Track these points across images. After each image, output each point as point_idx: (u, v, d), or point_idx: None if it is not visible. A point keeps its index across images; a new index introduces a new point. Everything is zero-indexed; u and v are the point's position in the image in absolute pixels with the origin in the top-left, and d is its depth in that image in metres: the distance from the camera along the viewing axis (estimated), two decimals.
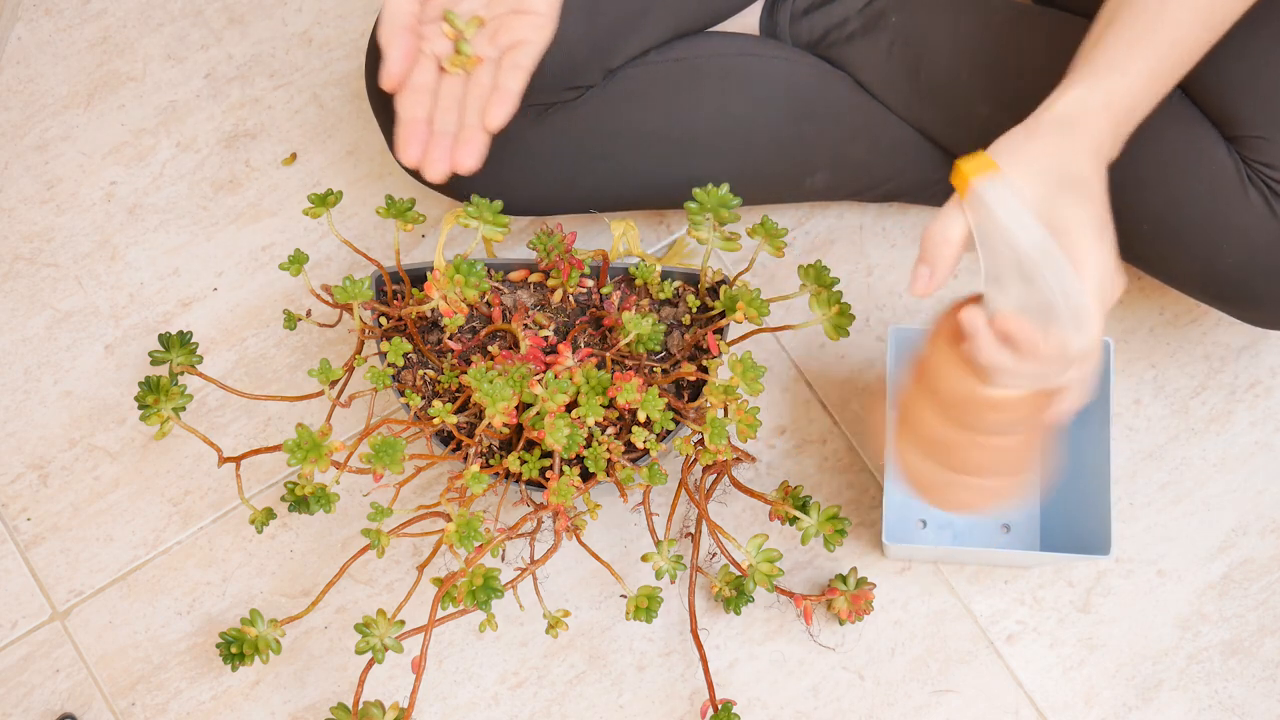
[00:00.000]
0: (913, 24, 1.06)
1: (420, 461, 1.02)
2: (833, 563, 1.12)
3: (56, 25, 1.25)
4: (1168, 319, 1.17)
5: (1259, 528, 1.13)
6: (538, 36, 0.86)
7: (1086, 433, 1.03)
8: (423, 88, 0.85)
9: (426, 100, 0.85)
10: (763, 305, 0.94)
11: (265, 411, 1.16)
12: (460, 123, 0.85)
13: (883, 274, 1.18)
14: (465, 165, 0.84)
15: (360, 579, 1.13)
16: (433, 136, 0.84)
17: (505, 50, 0.86)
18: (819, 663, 1.11)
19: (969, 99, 1.04)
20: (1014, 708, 1.10)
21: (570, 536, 0.98)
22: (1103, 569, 1.12)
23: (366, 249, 1.19)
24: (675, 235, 1.19)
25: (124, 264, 1.19)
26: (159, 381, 0.98)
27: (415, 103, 0.85)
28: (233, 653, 0.95)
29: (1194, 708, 1.10)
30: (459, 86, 0.85)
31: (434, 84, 0.85)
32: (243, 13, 1.25)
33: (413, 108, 0.85)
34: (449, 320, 0.96)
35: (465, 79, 0.85)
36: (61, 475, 1.15)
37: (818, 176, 1.10)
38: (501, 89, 0.85)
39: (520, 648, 1.11)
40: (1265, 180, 0.97)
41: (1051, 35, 1.02)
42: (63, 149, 1.22)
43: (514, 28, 0.86)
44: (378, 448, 0.87)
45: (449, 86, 0.85)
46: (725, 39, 1.09)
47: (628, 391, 0.90)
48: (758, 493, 0.97)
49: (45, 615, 1.13)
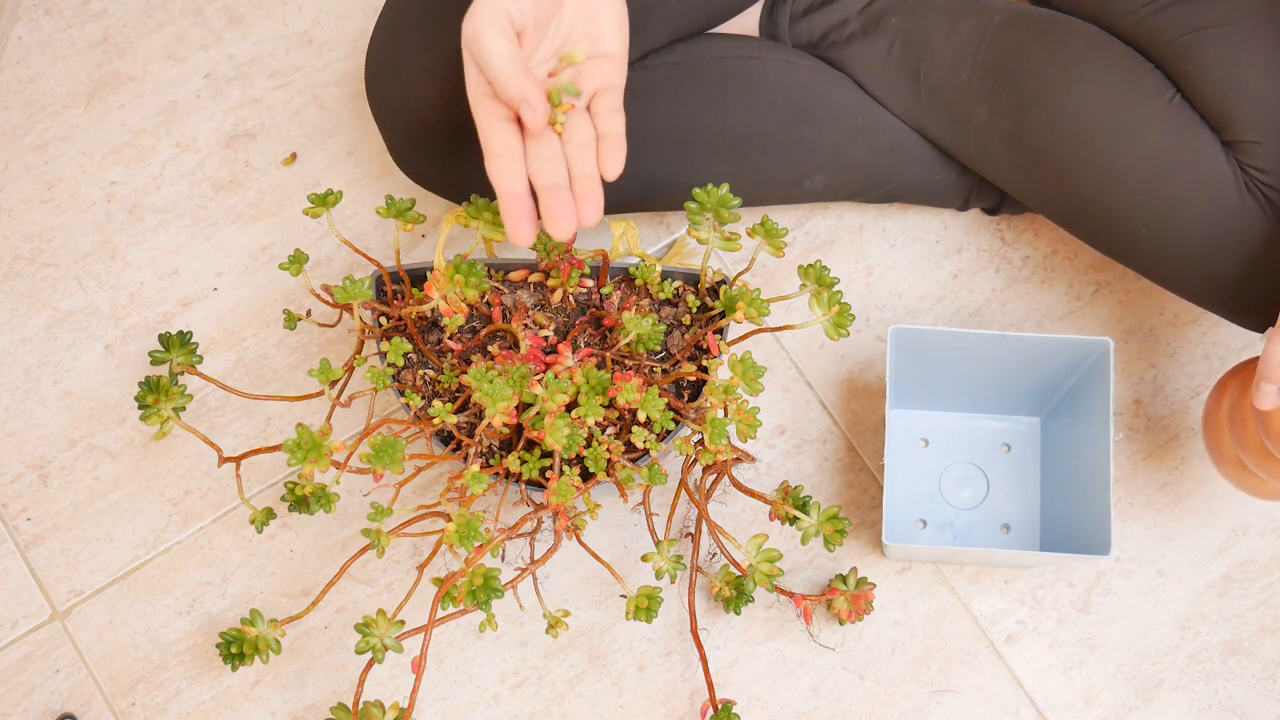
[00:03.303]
0: (912, 25, 1.06)
1: (420, 461, 1.02)
2: (833, 563, 1.12)
3: (56, 25, 1.25)
4: (1168, 319, 1.17)
5: (1259, 528, 1.13)
6: (618, 79, 0.84)
7: (1086, 433, 1.03)
8: (512, 151, 0.81)
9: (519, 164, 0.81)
10: (763, 305, 0.94)
11: (265, 411, 1.16)
12: (573, 175, 0.81)
13: (883, 274, 1.18)
14: (590, 220, 0.81)
15: (360, 579, 1.13)
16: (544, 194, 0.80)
17: (592, 97, 0.83)
18: (819, 663, 1.11)
19: (969, 100, 1.04)
20: (1014, 708, 1.10)
21: (570, 536, 0.98)
22: (1103, 569, 1.12)
23: (366, 249, 1.19)
24: (675, 235, 1.19)
25: (124, 264, 1.19)
26: (159, 381, 0.98)
27: (512, 169, 0.80)
28: (233, 653, 0.95)
29: (1194, 708, 1.10)
30: (550, 142, 0.82)
31: (518, 145, 0.81)
32: (243, 13, 1.25)
33: (510, 178, 0.80)
34: (449, 320, 0.96)
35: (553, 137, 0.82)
36: (61, 475, 1.15)
37: (817, 178, 1.10)
38: (610, 135, 0.82)
39: (520, 648, 1.11)
40: (1260, 185, 0.97)
41: (1051, 36, 1.02)
42: (63, 149, 1.22)
43: (595, 73, 0.83)
44: (378, 448, 0.87)
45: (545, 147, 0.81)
46: (725, 41, 1.09)
47: (628, 391, 0.90)
48: (758, 493, 0.97)
49: (45, 615, 1.13)
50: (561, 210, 0.80)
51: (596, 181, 0.82)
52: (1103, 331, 1.16)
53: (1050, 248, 1.18)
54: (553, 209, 0.80)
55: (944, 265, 1.18)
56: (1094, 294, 1.17)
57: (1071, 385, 1.07)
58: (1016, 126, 1.02)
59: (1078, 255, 1.18)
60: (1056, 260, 1.18)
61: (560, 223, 0.80)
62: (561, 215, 0.80)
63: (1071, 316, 1.17)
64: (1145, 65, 1.00)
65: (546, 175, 0.81)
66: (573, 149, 0.82)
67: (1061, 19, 1.04)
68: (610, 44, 0.83)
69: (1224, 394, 0.97)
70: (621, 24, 0.84)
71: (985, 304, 1.17)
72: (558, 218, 0.80)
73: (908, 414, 1.14)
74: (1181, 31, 0.98)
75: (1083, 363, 1.04)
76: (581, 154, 0.82)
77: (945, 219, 1.19)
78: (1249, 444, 0.94)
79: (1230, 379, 0.97)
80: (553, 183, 0.80)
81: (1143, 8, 1.00)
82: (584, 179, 0.81)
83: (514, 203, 0.80)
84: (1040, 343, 1.02)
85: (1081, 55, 1.00)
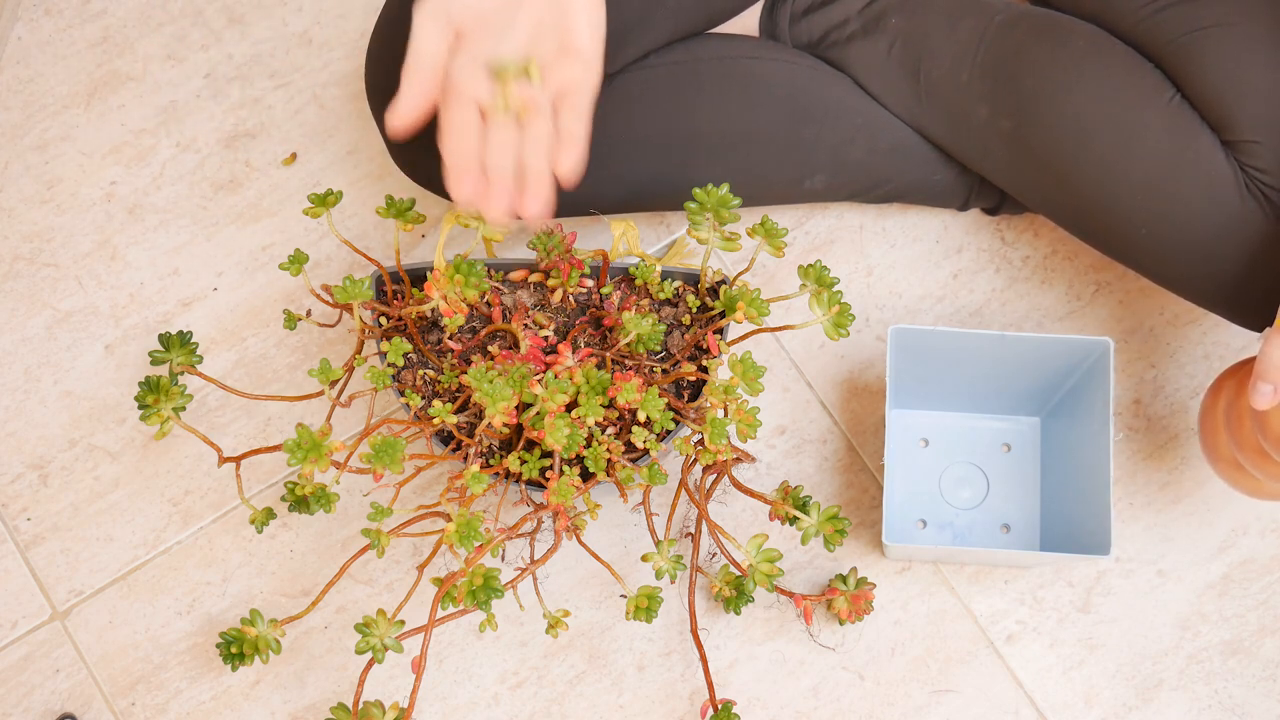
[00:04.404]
0: (913, 25, 1.06)
1: (420, 461, 1.02)
2: (833, 563, 1.12)
3: (56, 25, 1.25)
4: (1168, 319, 1.17)
5: (1259, 528, 1.13)
6: (588, 78, 0.82)
7: (1086, 433, 1.03)
8: (467, 127, 0.80)
9: (472, 139, 0.80)
10: (763, 305, 0.94)
11: (265, 411, 1.16)
12: (523, 168, 0.80)
13: (883, 274, 1.18)
14: (533, 212, 0.80)
15: (360, 579, 1.13)
16: (488, 176, 0.80)
17: (558, 95, 0.82)
18: (819, 663, 1.11)
19: (969, 100, 1.04)
20: (1014, 708, 1.10)
21: (570, 536, 0.98)
22: (1103, 569, 1.12)
23: (366, 249, 1.19)
24: (675, 235, 1.19)
25: (124, 264, 1.19)
26: (159, 381, 0.98)
27: (462, 141, 0.80)
28: (233, 653, 0.95)
29: (1194, 708, 1.10)
30: (511, 132, 0.81)
31: (476, 125, 0.80)
32: (243, 13, 1.25)
33: (459, 145, 0.80)
34: (449, 320, 0.96)
35: (517, 125, 0.81)
36: (61, 475, 1.15)
37: (817, 178, 1.10)
38: (567, 134, 0.81)
39: (520, 648, 1.11)
40: (1260, 185, 0.97)
41: (1051, 36, 1.02)
42: (63, 149, 1.22)
43: (563, 70, 0.82)
44: (378, 448, 0.87)
45: (499, 132, 0.81)
46: (725, 41, 1.09)
47: (628, 391, 0.90)
48: (758, 493, 0.97)
49: (45, 615, 1.13)
50: (497, 193, 0.79)
51: (545, 177, 0.81)
52: (1103, 331, 1.16)
53: (1050, 248, 1.18)
54: (490, 192, 0.79)
55: (944, 265, 1.18)
56: (1094, 294, 1.17)
57: (1071, 385, 1.07)
58: (1016, 126, 1.02)
59: (1078, 255, 1.18)
60: (1056, 260, 1.18)
61: (493, 206, 0.79)
62: (496, 198, 0.79)
63: (1071, 316, 1.17)
64: (1145, 65, 1.00)
65: (493, 159, 0.80)
66: (528, 142, 0.81)
67: (1061, 19, 1.04)
68: (581, 40, 0.82)
69: (1220, 394, 0.97)
70: (595, 20, 0.82)
71: (985, 304, 1.17)
72: (492, 201, 0.79)
73: (908, 414, 1.14)
74: (1181, 31, 0.98)
75: (1083, 363, 1.04)
76: (534, 148, 0.81)
77: (945, 219, 1.19)
78: (1245, 444, 0.94)
79: (1226, 378, 0.97)
80: (497, 166, 0.80)
81: (1143, 8, 1.00)
82: (531, 172, 0.81)
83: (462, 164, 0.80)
84: (1040, 343, 1.02)
85: (1081, 55, 1.00)
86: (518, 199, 0.81)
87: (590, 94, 0.83)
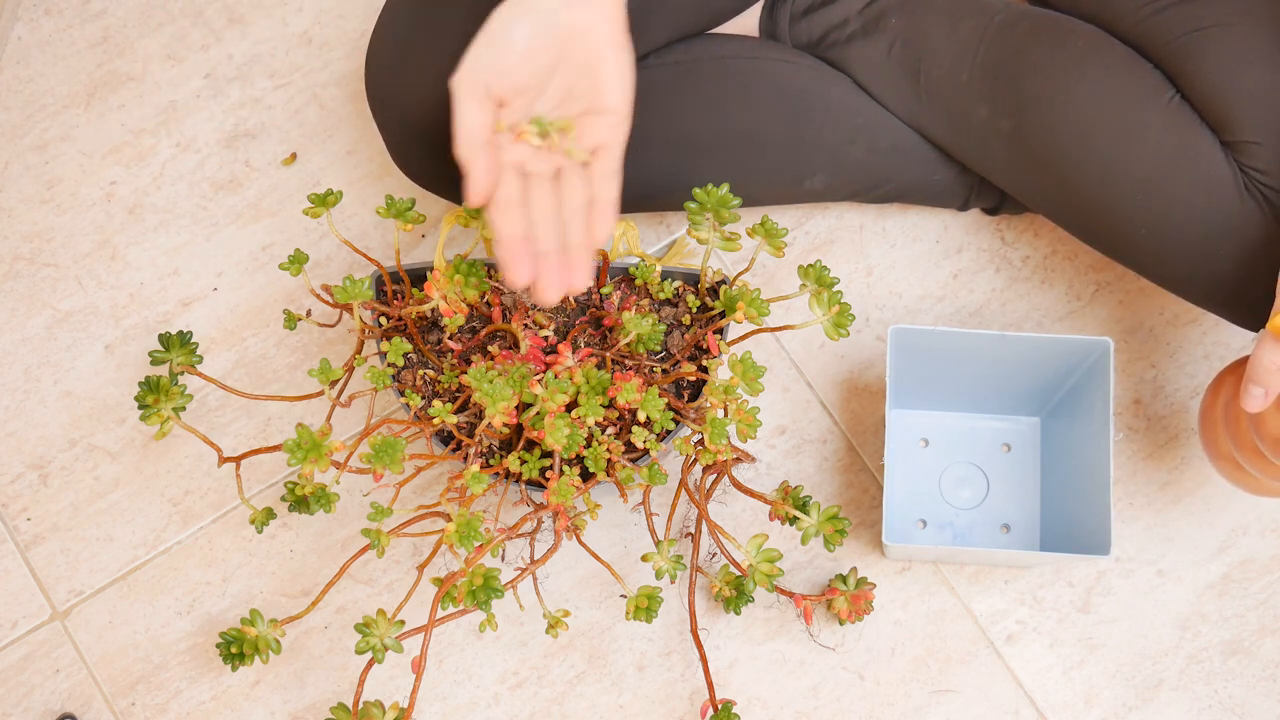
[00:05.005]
0: (913, 25, 1.06)
1: (420, 461, 1.02)
2: (833, 563, 1.12)
3: (56, 25, 1.25)
4: (1168, 319, 1.17)
5: (1259, 528, 1.13)
6: (616, 137, 0.83)
7: (1086, 433, 1.03)
8: (513, 201, 0.82)
9: (520, 214, 0.82)
10: (763, 305, 0.94)
11: (265, 411, 1.16)
12: (563, 240, 0.82)
13: (883, 274, 1.18)
14: (578, 287, 0.82)
15: (360, 579, 1.13)
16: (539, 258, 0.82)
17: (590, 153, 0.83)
18: (819, 663, 1.11)
19: (969, 100, 1.04)
20: (1014, 708, 1.10)
21: (570, 536, 0.98)
22: (1103, 569, 1.12)
23: (366, 249, 1.19)
24: (675, 235, 1.19)
25: (124, 264, 1.19)
26: (159, 381, 0.98)
27: (511, 220, 0.81)
28: (233, 653, 0.95)
29: (1194, 708, 1.10)
30: (550, 198, 0.83)
31: (522, 195, 0.82)
32: (243, 13, 1.25)
33: (509, 225, 0.81)
34: (449, 320, 0.96)
35: (555, 190, 0.83)
36: (61, 475, 1.15)
37: (817, 178, 1.10)
38: (600, 202, 0.83)
39: (520, 648, 1.11)
40: (1260, 185, 0.97)
41: (1051, 36, 1.02)
42: (63, 149, 1.22)
43: (591, 131, 0.83)
44: (378, 448, 0.87)
45: (540, 199, 0.82)
46: (724, 41, 1.09)
47: (628, 391, 0.90)
48: (758, 493, 0.97)
49: (45, 615, 1.13)
50: (552, 279, 0.82)
51: (587, 251, 0.83)
52: (1103, 331, 1.16)
53: (1050, 248, 1.18)
54: (544, 275, 0.82)
55: (944, 265, 1.18)
56: (1094, 294, 1.17)
57: (1071, 385, 1.07)
58: (1016, 126, 1.02)
59: (1078, 255, 1.18)
60: (1056, 260, 1.18)
61: (551, 291, 0.82)
62: (552, 283, 0.82)
63: (1071, 316, 1.17)
64: (1145, 65, 1.00)
65: (543, 239, 0.82)
66: (568, 213, 0.83)
67: (1061, 19, 1.04)
68: (611, 99, 0.83)
69: (1219, 392, 0.97)
70: (624, 77, 0.83)
71: (985, 304, 1.17)
72: (547, 285, 0.82)
73: (908, 414, 1.14)
74: (1181, 31, 0.98)
75: (1083, 363, 1.04)
76: (574, 220, 0.83)
77: (945, 219, 1.19)
78: (1243, 443, 0.94)
79: (1225, 377, 0.97)
80: (547, 248, 0.82)
81: (1143, 8, 1.00)
82: (575, 248, 0.83)
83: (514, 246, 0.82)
84: (1040, 343, 1.02)
85: (1081, 55, 1.00)
86: (565, 275, 0.82)
87: (619, 151, 0.84)
